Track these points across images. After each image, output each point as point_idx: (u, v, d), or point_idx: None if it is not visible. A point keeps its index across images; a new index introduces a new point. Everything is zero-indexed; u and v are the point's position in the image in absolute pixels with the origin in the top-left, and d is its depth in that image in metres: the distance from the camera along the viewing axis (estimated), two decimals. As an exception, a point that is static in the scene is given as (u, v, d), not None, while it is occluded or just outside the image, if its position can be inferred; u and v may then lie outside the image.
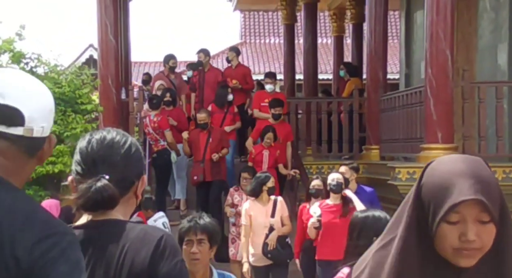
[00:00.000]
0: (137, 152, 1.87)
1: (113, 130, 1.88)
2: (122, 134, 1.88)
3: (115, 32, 9.77)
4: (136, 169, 1.85)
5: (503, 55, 9.06)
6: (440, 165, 1.55)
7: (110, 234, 1.75)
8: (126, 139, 1.86)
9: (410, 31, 11.79)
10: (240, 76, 10.71)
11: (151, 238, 1.75)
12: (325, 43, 24.46)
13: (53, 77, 8.19)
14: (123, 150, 1.83)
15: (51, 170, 7.82)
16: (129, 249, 1.73)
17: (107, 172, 1.77)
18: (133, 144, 1.87)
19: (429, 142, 7.70)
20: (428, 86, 7.71)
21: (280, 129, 8.94)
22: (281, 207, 6.85)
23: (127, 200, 1.84)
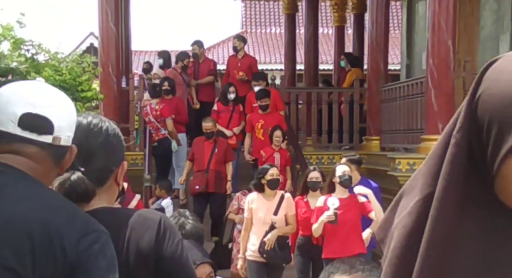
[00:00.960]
0: (115, 138, 1.80)
1: (89, 115, 1.81)
2: (99, 119, 1.81)
3: (116, 20, 9.74)
4: (115, 156, 1.80)
5: (505, 46, 9.04)
6: (510, 65, 0.98)
7: (106, 222, 1.68)
8: (103, 124, 1.79)
9: (412, 22, 11.75)
10: (246, 67, 10.63)
11: (151, 222, 1.77)
12: (326, 33, 24.40)
13: (54, 65, 8.17)
14: (100, 138, 1.77)
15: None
16: (132, 235, 1.74)
17: (83, 162, 1.71)
18: (111, 129, 1.80)
19: (430, 133, 7.70)
20: (429, 77, 7.70)
21: (269, 120, 8.76)
22: (287, 204, 6.32)
23: (108, 188, 1.80)
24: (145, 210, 1.92)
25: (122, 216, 1.78)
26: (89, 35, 25.42)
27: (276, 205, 6.30)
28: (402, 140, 8.87)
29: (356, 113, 10.28)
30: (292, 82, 13.34)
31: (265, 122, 8.82)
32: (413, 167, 7.55)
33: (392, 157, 7.92)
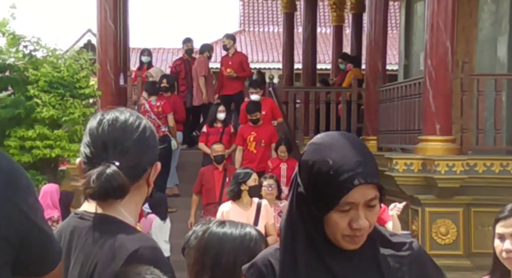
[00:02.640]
0: (151, 136, 1.74)
1: (126, 111, 1.75)
2: (136, 116, 1.74)
3: (115, 18, 9.73)
4: (150, 154, 1.72)
5: (503, 47, 9.05)
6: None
7: (94, 233, 1.63)
8: (140, 122, 1.73)
9: (410, 22, 11.76)
10: (237, 64, 10.69)
11: (124, 251, 1.58)
12: (324, 33, 24.40)
13: (52, 61, 8.16)
14: (136, 134, 1.70)
15: (49, 154, 7.81)
16: (100, 260, 1.60)
17: (118, 157, 1.65)
18: (147, 128, 1.73)
19: (427, 134, 7.70)
20: (427, 78, 7.70)
21: (261, 132, 8.53)
22: (266, 212, 5.79)
23: (138, 188, 1.71)
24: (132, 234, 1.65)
25: (108, 233, 1.62)
26: (87, 32, 25.39)
27: (254, 214, 5.74)
28: (399, 140, 8.88)
29: (353, 113, 10.28)
30: (290, 81, 13.34)
31: (257, 134, 8.55)
32: (410, 167, 7.56)
33: (390, 157, 7.92)
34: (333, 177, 1.52)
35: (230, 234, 1.94)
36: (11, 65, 8.32)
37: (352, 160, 1.54)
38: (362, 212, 1.54)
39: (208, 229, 1.97)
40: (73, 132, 8.12)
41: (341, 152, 1.56)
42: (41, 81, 7.89)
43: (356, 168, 1.53)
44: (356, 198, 1.53)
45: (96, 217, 1.67)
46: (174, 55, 27.48)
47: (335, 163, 1.53)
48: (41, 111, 7.75)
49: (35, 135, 7.72)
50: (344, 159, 1.54)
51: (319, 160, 1.56)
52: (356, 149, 1.57)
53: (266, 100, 9.50)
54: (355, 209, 1.54)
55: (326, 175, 1.52)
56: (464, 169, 7.35)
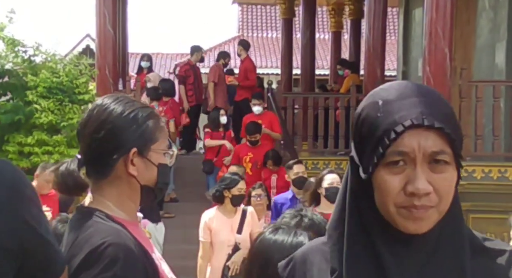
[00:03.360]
0: (118, 120, 1.57)
1: (110, 97, 1.62)
2: (113, 100, 1.60)
3: (114, 23, 9.73)
4: (115, 141, 1.57)
5: (501, 54, 9.08)
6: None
7: (75, 227, 1.60)
8: (109, 105, 1.58)
9: (408, 29, 11.79)
10: (242, 71, 10.81)
11: (88, 245, 1.52)
12: (323, 39, 24.45)
13: (51, 67, 8.16)
14: (101, 119, 1.57)
15: (47, 159, 7.79)
16: (71, 252, 1.56)
17: (83, 149, 1.57)
18: (114, 112, 1.57)
19: (426, 140, 7.71)
20: (425, 84, 7.71)
21: (259, 154, 8.20)
22: (251, 220, 5.43)
23: (116, 179, 1.60)
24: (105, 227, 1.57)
25: (84, 224, 1.57)
26: (85, 37, 25.41)
27: (238, 221, 5.36)
28: (397, 146, 8.88)
29: (352, 118, 10.27)
30: (289, 87, 13.35)
31: (254, 156, 8.26)
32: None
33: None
34: (381, 119, 1.12)
35: (281, 242, 1.72)
36: (9, 70, 8.32)
37: (409, 98, 1.12)
38: (422, 171, 1.09)
39: (262, 234, 1.78)
40: (72, 138, 8.11)
41: (398, 91, 1.15)
42: (40, 86, 7.89)
43: (412, 107, 1.10)
44: (410, 146, 1.08)
45: (79, 210, 1.64)
46: (172, 60, 27.52)
47: (386, 102, 1.13)
48: (39, 116, 7.75)
49: (33, 141, 7.71)
50: (399, 97, 1.13)
51: (368, 104, 1.18)
52: (420, 90, 1.14)
53: (267, 113, 9.41)
54: (411, 166, 1.09)
55: (373, 119, 1.13)
56: (462, 175, 7.34)
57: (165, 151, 1.66)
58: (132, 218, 1.66)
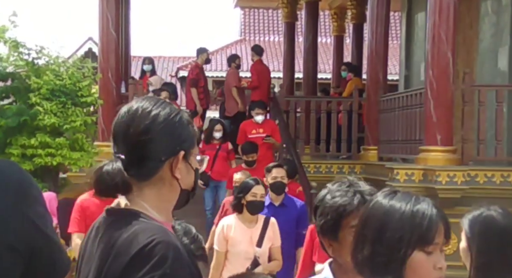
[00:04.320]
0: (167, 122, 1.57)
1: (147, 99, 1.62)
2: (154, 102, 1.60)
3: (116, 26, 9.76)
4: (165, 144, 1.57)
5: (504, 58, 9.08)
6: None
7: (113, 228, 1.58)
8: (152, 108, 1.58)
9: (411, 33, 11.79)
10: (254, 75, 11.02)
11: (135, 244, 1.49)
12: (325, 43, 24.46)
13: (54, 69, 8.16)
14: (146, 122, 1.56)
15: (50, 162, 7.79)
16: (115, 251, 1.53)
17: (124, 150, 1.55)
18: (162, 114, 1.57)
19: (428, 144, 7.71)
20: (428, 88, 7.72)
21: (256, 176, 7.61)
22: (272, 233, 4.93)
23: (160, 181, 1.59)
24: (151, 226, 1.56)
25: (126, 226, 1.54)
26: (88, 40, 25.46)
27: (259, 233, 4.89)
28: (400, 150, 8.88)
29: (354, 122, 10.29)
30: (291, 90, 13.36)
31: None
32: (411, 178, 7.56)
33: (391, 167, 7.92)
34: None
35: (399, 208, 1.63)
36: (12, 73, 8.33)
37: None
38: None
39: (375, 198, 1.71)
40: (75, 141, 8.11)
41: None
42: (43, 89, 7.90)
43: None
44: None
45: (117, 212, 1.61)
46: (175, 63, 27.54)
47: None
48: (42, 119, 7.75)
49: (36, 143, 7.71)
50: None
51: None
52: None
53: (268, 122, 9.31)
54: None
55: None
56: (465, 179, 7.35)
57: (199, 156, 1.67)
58: (166, 217, 1.64)
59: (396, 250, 1.56)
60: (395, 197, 1.66)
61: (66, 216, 7.50)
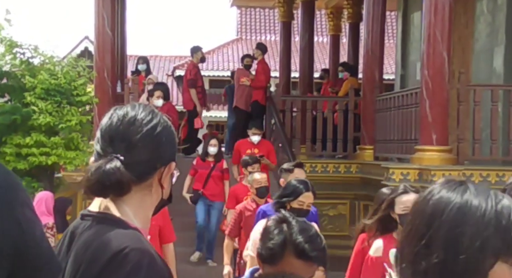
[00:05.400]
0: (163, 133, 1.63)
1: (140, 106, 1.66)
2: (149, 111, 1.65)
3: (112, 25, 9.75)
4: (161, 152, 1.62)
5: (499, 58, 9.09)
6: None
7: (87, 233, 1.57)
8: (152, 117, 1.64)
9: (407, 32, 11.81)
10: (256, 73, 11.01)
11: (108, 250, 1.48)
12: (321, 42, 24.47)
13: (49, 69, 8.15)
14: (145, 128, 1.60)
15: (45, 161, 7.78)
16: (88, 257, 1.52)
17: (124, 152, 1.57)
18: (160, 123, 1.64)
19: (424, 144, 7.72)
20: (424, 88, 7.73)
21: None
22: None
23: (148, 187, 1.61)
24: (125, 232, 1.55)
25: (102, 231, 1.54)
26: (84, 39, 25.43)
27: None
28: (396, 149, 8.90)
29: (350, 122, 10.30)
30: (287, 90, 13.37)
31: None
32: (407, 177, 7.57)
33: (386, 167, 7.93)
34: None
35: (478, 206, 1.22)
36: (8, 72, 8.32)
37: None
38: None
39: (434, 190, 1.28)
40: (70, 140, 8.10)
41: None
42: (38, 88, 7.89)
43: None
44: None
45: (94, 216, 1.61)
46: (171, 63, 27.53)
47: None
48: (37, 118, 7.74)
49: (31, 142, 7.70)
50: None
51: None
52: None
53: (264, 142, 8.95)
54: None
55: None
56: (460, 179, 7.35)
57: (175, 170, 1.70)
58: (143, 224, 1.64)
59: (475, 260, 1.20)
60: (467, 190, 1.26)
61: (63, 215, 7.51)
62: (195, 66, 11.16)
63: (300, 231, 2.26)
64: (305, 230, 2.28)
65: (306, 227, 2.30)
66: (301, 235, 2.25)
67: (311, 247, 2.24)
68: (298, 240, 2.24)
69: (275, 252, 2.25)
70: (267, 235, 2.30)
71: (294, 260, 2.21)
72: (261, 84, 10.98)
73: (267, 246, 2.28)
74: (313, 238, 2.27)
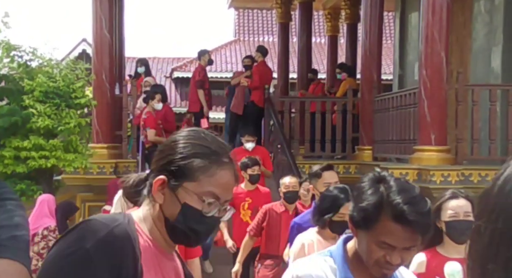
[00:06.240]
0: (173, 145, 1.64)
1: (186, 130, 1.70)
2: (196, 132, 1.67)
3: (110, 27, 9.74)
4: (158, 164, 1.66)
5: (497, 58, 9.10)
6: None
7: None
8: (188, 132, 1.67)
9: (404, 33, 11.82)
10: (255, 75, 11.10)
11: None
12: (319, 43, 24.47)
13: (47, 71, 8.15)
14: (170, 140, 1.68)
15: (44, 164, 7.77)
16: None
17: None
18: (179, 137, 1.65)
19: (422, 144, 7.73)
20: (422, 88, 7.74)
21: (258, 198, 6.81)
22: None
23: (152, 200, 1.66)
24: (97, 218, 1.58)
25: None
26: (82, 42, 25.40)
27: None
28: (394, 150, 8.90)
29: (349, 122, 10.31)
30: (285, 90, 13.37)
31: (253, 201, 6.82)
32: (406, 177, 7.58)
33: (385, 167, 7.93)
34: None
35: None
36: (6, 75, 8.32)
37: None
38: None
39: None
40: (69, 142, 8.09)
41: None
42: (36, 91, 7.88)
43: None
44: None
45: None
46: (169, 65, 27.51)
47: None
48: (36, 121, 7.74)
49: (30, 145, 7.70)
50: None
51: None
52: None
53: (259, 149, 8.81)
54: None
55: None
56: (459, 179, 7.37)
57: (202, 196, 1.59)
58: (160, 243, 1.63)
59: None
60: None
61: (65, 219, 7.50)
62: (203, 69, 11.27)
63: (399, 191, 1.92)
64: (406, 190, 1.94)
65: (407, 187, 1.96)
66: (400, 195, 1.91)
67: (411, 209, 1.88)
68: (396, 200, 1.90)
69: (369, 213, 1.92)
70: (360, 195, 1.97)
71: (391, 223, 1.88)
72: (255, 84, 11.02)
73: (360, 207, 1.95)
74: (415, 200, 1.91)
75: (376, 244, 1.90)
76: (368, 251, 1.93)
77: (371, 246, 1.92)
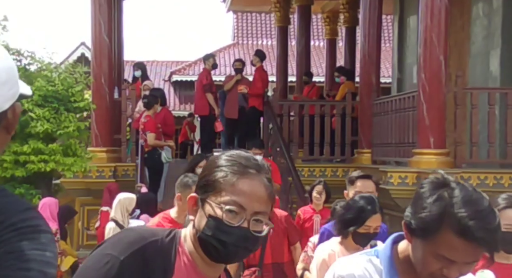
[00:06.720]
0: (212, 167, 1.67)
1: None
2: (240, 154, 1.69)
3: (109, 31, 9.75)
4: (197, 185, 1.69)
5: (495, 61, 9.11)
6: None
7: None
8: (228, 154, 1.70)
9: (403, 36, 11.84)
10: (253, 80, 11.10)
11: None
12: (318, 46, 24.49)
13: (46, 75, 8.15)
14: (212, 160, 1.73)
15: (43, 168, 7.77)
16: None
17: None
18: (220, 160, 1.64)
19: (421, 147, 7.73)
20: (421, 91, 7.74)
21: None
22: None
23: None
24: None
25: None
26: (80, 45, 25.40)
27: None
28: (393, 153, 8.91)
29: (347, 126, 10.31)
30: (284, 94, 13.38)
31: None
32: (405, 181, 7.58)
33: (384, 170, 7.94)
34: None
35: None
36: (4, 79, 8.30)
37: None
38: None
39: None
40: (68, 146, 8.09)
41: None
42: (35, 95, 7.89)
43: None
44: None
45: None
46: (168, 68, 27.52)
47: None
48: (35, 125, 7.73)
49: (29, 150, 7.69)
50: None
51: None
52: None
53: (267, 161, 8.77)
54: None
55: None
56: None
57: (221, 204, 1.56)
58: (197, 264, 1.61)
59: None
60: None
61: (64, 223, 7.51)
62: (209, 73, 11.35)
63: (465, 202, 1.69)
64: (473, 202, 1.69)
65: (474, 197, 1.71)
66: (465, 207, 1.68)
67: (478, 225, 1.66)
68: (460, 213, 1.67)
69: (429, 225, 1.69)
70: (420, 202, 1.73)
71: (454, 238, 1.67)
72: (258, 91, 11.00)
73: (418, 217, 1.72)
74: (482, 214, 1.68)
75: (433, 256, 1.69)
76: (423, 262, 1.73)
77: (428, 258, 1.71)
